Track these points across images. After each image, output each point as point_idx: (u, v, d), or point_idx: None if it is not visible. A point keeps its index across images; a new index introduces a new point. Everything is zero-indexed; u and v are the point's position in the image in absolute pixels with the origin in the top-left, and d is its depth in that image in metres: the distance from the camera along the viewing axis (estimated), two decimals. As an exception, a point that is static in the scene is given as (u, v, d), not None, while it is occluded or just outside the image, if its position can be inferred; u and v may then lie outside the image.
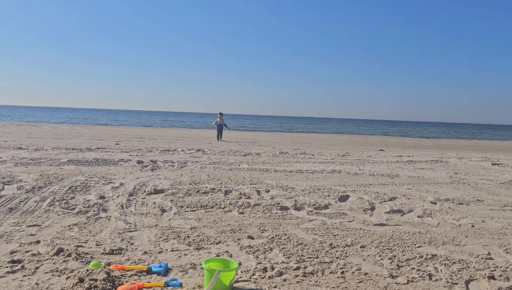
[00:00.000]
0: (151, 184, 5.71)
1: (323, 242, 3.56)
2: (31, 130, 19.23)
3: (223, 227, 3.92)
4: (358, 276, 2.87)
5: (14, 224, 3.72)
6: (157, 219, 4.11)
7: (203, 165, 8.00)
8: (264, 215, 4.42)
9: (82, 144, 11.55)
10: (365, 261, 3.17)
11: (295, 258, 3.15)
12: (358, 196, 5.49)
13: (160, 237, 3.52)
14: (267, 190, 5.63)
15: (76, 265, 2.85)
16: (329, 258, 3.20)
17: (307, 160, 9.67)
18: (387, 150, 14.86)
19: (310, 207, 4.80)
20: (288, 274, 2.85)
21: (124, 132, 21.14)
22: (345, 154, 11.49)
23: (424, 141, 26.05)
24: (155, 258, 3.05)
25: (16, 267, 2.75)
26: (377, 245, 3.54)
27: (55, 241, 3.32)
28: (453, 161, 10.62)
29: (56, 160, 7.76)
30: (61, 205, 4.43)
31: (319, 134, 32.11)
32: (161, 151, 10.27)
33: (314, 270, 2.94)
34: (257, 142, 16.66)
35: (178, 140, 16.14)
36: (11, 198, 4.63)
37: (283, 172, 7.50)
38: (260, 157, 9.93)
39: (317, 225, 4.12)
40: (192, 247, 3.32)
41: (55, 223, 3.81)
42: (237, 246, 3.40)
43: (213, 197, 5.10)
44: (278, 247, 3.40)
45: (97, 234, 3.54)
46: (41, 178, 5.78)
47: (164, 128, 32.97)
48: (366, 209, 4.84)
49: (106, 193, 5.09)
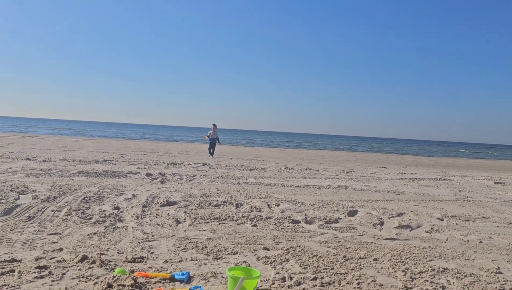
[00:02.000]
0: (163, 196, 5.81)
1: (337, 254, 3.66)
2: (34, 142, 19.34)
3: (238, 238, 4.01)
4: (374, 287, 2.96)
5: (35, 232, 3.81)
6: (173, 229, 4.20)
7: (211, 178, 8.10)
8: (276, 228, 4.51)
9: (88, 156, 11.66)
10: (379, 273, 3.26)
11: (311, 269, 3.24)
12: (367, 211, 5.59)
13: (178, 247, 3.61)
14: (277, 204, 5.73)
15: (101, 271, 2.93)
16: (344, 269, 3.29)
17: (313, 175, 9.78)
18: (389, 167, 14.98)
19: (321, 221, 4.89)
20: (306, 284, 2.94)
21: (127, 145, 21.27)
22: (350, 170, 11.61)
23: (424, 160, 26.19)
24: (176, 267, 3.14)
25: (43, 273, 2.83)
26: (390, 258, 3.64)
27: (77, 248, 3.41)
28: (456, 179, 10.74)
29: (65, 171, 7.87)
30: (77, 214, 4.53)
31: (320, 151, 32.29)
32: (168, 165, 10.38)
33: (331, 280, 3.03)
34: (259, 158, 16.78)
35: (181, 154, 16.26)
36: (28, 207, 4.72)
37: (290, 186, 7.61)
38: (266, 172, 10.04)
39: (329, 238, 4.22)
40: (210, 257, 3.41)
41: (75, 231, 3.91)
42: (254, 256, 3.49)
43: (225, 210, 5.19)
44: (294, 258, 3.49)
45: (117, 243, 3.63)
46: (54, 189, 5.88)
47: (166, 142, 33.11)
48: (375, 224, 4.94)
49: (120, 204, 5.19)
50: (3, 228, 3.84)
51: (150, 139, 37.70)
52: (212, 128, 16.37)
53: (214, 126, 16.44)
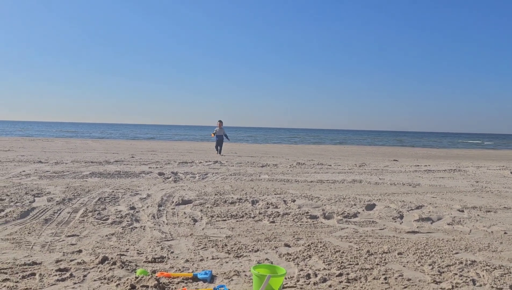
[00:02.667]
0: (178, 195, 5.76)
1: (360, 249, 3.57)
2: (44, 145, 19.43)
3: (258, 235, 3.95)
4: (401, 282, 2.87)
5: (53, 234, 3.78)
6: (191, 228, 4.15)
7: (224, 176, 8.04)
8: (295, 224, 4.44)
9: (99, 158, 11.67)
10: (405, 267, 3.18)
11: (335, 265, 3.16)
12: (385, 205, 5.49)
13: (198, 246, 3.55)
14: (293, 199, 5.65)
15: (122, 273, 2.88)
16: (369, 264, 3.20)
17: (325, 170, 9.69)
18: (401, 160, 14.81)
19: (339, 215, 4.81)
20: (332, 281, 2.86)
21: (136, 146, 21.28)
22: (362, 164, 11.48)
23: (435, 151, 25.90)
24: (198, 266, 3.08)
25: (64, 275, 2.79)
26: (414, 252, 3.54)
27: (96, 250, 3.36)
28: (471, 170, 10.57)
29: (78, 173, 7.86)
30: (94, 215, 4.49)
31: (329, 146, 32.11)
32: (179, 163, 10.35)
33: (357, 276, 2.95)
34: (269, 154, 16.69)
35: (190, 152, 16.22)
36: (44, 209, 4.69)
37: (304, 182, 7.52)
38: (278, 168, 9.97)
39: (350, 233, 4.13)
40: (231, 255, 3.34)
41: (92, 233, 3.86)
42: (276, 253, 3.42)
43: (241, 207, 5.13)
44: (316, 254, 3.41)
45: (136, 243, 3.58)
46: (68, 190, 5.86)
47: (173, 141, 33.13)
48: (395, 217, 4.84)
49: (135, 204, 5.15)
50: (21, 231, 3.81)
51: (156, 139, 37.75)
52: (218, 124, 15.82)
53: (220, 123, 15.87)
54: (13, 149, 14.53)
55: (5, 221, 4.14)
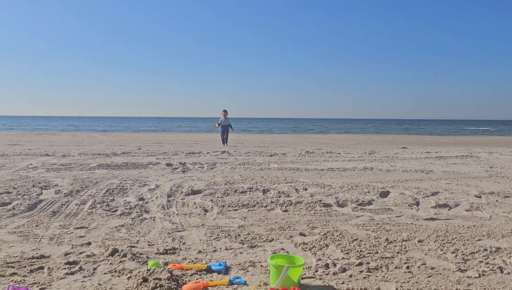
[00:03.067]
0: (187, 185, 5.65)
1: (378, 238, 3.44)
2: (51, 139, 19.41)
3: (271, 225, 3.82)
4: (425, 271, 2.74)
5: (61, 227, 3.68)
6: (202, 218, 4.04)
7: (233, 166, 7.92)
8: (309, 213, 4.31)
9: (106, 150, 11.59)
10: (427, 256, 3.04)
11: (354, 254, 3.03)
12: (399, 192, 5.34)
13: (210, 236, 3.44)
14: (305, 188, 5.52)
15: (133, 265, 2.77)
16: (389, 253, 3.07)
17: (335, 158, 9.53)
18: (410, 147, 14.60)
19: (353, 203, 4.67)
20: (352, 270, 2.74)
21: (141, 138, 21.21)
22: (372, 152, 11.31)
23: (443, 139, 25.60)
24: (211, 257, 2.96)
25: (74, 269, 2.69)
26: (435, 239, 3.41)
27: (106, 242, 3.26)
28: (483, 155, 10.37)
29: (85, 165, 7.77)
30: (102, 207, 4.39)
31: (335, 135, 31.87)
32: (187, 154, 10.24)
33: (378, 265, 2.82)
34: (275, 144, 16.55)
35: (197, 143, 16.12)
36: (51, 202, 4.60)
37: (315, 170, 7.38)
38: (287, 157, 9.83)
39: (366, 221, 4.00)
40: (245, 245, 3.22)
41: (101, 225, 3.76)
42: (291, 243, 3.30)
43: (253, 196, 5.00)
44: (333, 243, 3.29)
45: (146, 235, 3.48)
46: (75, 182, 5.77)
47: (179, 133, 33.05)
48: (411, 204, 4.70)
49: (144, 195, 5.04)
50: (28, 224, 3.72)
51: (161, 131, 37.63)
52: (223, 114, 15.20)
53: (225, 112, 15.22)
54: (20, 143, 14.51)
55: (13, 214, 4.05)
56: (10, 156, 9.25)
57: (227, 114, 15.18)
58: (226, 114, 15.13)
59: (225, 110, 15.27)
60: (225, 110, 15.24)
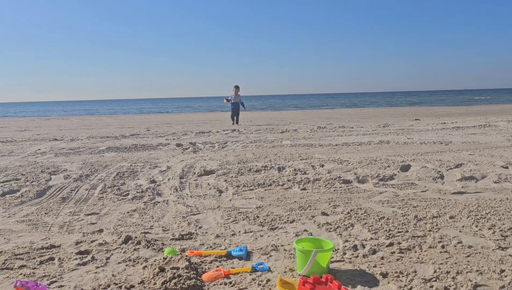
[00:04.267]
0: (199, 166, 5.46)
1: (405, 215, 3.23)
2: (59, 123, 19.33)
3: (290, 204, 3.63)
4: (462, 250, 2.53)
5: (71, 213, 3.52)
6: (217, 200, 3.85)
7: (244, 144, 7.71)
8: (328, 190, 4.10)
9: (114, 132, 11.44)
10: (462, 233, 2.83)
11: (383, 234, 2.83)
12: (421, 165, 5.10)
13: (227, 219, 3.25)
14: (321, 164, 5.30)
15: (149, 253, 2.60)
16: (420, 231, 2.86)
17: (348, 133, 9.27)
18: (423, 119, 14.24)
19: (374, 179, 4.45)
20: (383, 252, 2.54)
21: (149, 119, 21.04)
22: (385, 125, 11.02)
23: (454, 109, 25.05)
24: (230, 242, 2.78)
25: (86, 259, 2.52)
26: (468, 215, 3.19)
27: (118, 228, 3.10)
28: (502, 124, 10.03)
29: (94, 148, 7.62)
30: (113, 191, 4.23)
31: (344, 109, 31.38)
32: (196, 134, 10.04)
33: (410, 245, 2.62)
34: (285, 120, 16.27)
35: (205, 123, 15.90)
36: (60, 187, 4.45)
37: (329, 146, 7.15)
38: (299, 133, 9.59)
39: (390, 197, 3.78)
40: (266, 228, 3.04)
41: (113, 210, 3.60)
42: (314, 223, 3.11)
43: (268, 175, 4.81)
44: (359, 222, 3.09)
45: (160, 219, 3.30)
46: (85, 167, 5.61)
47: (186, 113, 32.80)
48: (435, 178, 4.46)
49: (156, 177, 4.87)
50: (37, 212, 3.56)
51: (167, 112, 37.33)
52: (234, 90, 13.91)
53: (236, 89, 13.93)
54: (29, 129, 14.42)
55: (21, 202, 3.90)
56: (19, 142, 9.14)
57: (238, 91, 13.94)
58: (237, 91, 13.89)
59: (237, 85, 13.95)
60: (236, 86, 13.93)
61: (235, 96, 13.79)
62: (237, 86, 13.93)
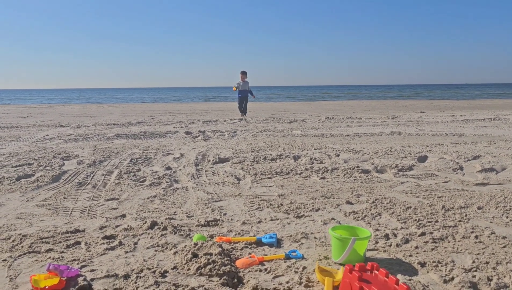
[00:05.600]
0: (212, 153, 5.40)
1: (432, 205, 3.18)
2: (61, 111, 19.21)
3: (312, 193, 3.58)
4: (497, 241, 2.48)
5: (90, 198, 3.47)
6: (237, 187, 3.80)
7: (254, 133, 7.65)
8: (348, 179, 4.05)
9: (119, 120, 11.35)
10: (493, 224, 2.78)
11: (412, 223, 2.78)
12: (438, 156, 5.05)
13: (251, 206, 3.20)
14: (337, 154, 5.24)
15: (176, 238, 2.55)
16: (451, 221, 2.82)
17: (357, 124, 9.21)
18: (428, 112, 14.17)
19: (393, 169, 4.40)
20: (416, 241, 2.49)
21: (152, 108, 20.93)
22: (394, 116, 10.95)
23: (458, 103, 24.97)
24: (258, 229, 2.73)
25: (113, 243, 2.47)
26: (496, 206, 3.14)
27: (141, 214, 3.04)
28: (512, 118, 9.98)
29: (103, 135, 7.55)
30: (129, 177, 4.17)
31: (346, 101, 31.25)
32: (204, 122, 9.97)
33: (443, 235, 2.57)
34: (288, 111, 16.19)
35: (208, 113, 15.79)
36: (75, 173, 4.39)
37: (340, 136, 7.09)
38: (307, 123, 9.52)
39: (413, 187, 3.73)
40: (291, 215, 2.98)
41: (132, 195, 3.54)
42: (340, 212, 3.06)
43: (284, 163, 4.75)
44: (386, 211, 3.04)
45: (183, 205, 3.25)
46: (96, 153, 5.55)
47: (188, 103, 32.63)
48: (455, 169, 4.41)
49: (170, 164, 4.81)
50: (55, 196, 3.50)
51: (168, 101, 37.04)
52: (241, 77, 12.28)
53: (243, 75, 12.29)
54: (32, 116, 14.32)
55: (37, 186, 3.84)
56: (25, 128, 9.06)
57: (246, 77, 12.35)
58: (245, 77, 12.31)
59: (244, 71, 12.34)
60: (243, 72, 12.31)
61: (243, 83, 12.37)
62: (244, 72, 12.41)
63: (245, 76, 12.37)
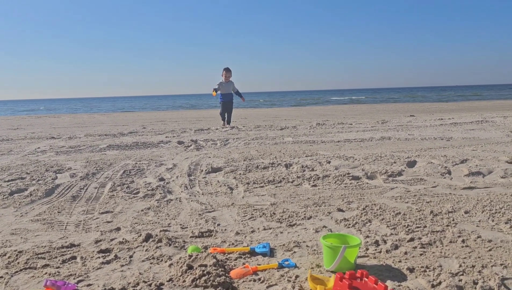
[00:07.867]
0: (205, 163, 5.45)
1: (421, 210, 3.26)
2: (51, 121, 19.11)
3: (304, 201, 3.64)
4: (483, 244, 2.56)
5: (85, 212, 3.50)
6: (230, 197, 3.85)
7: (246, 141, 7.71)
8: (339, 186, 4.13)
9: (111, 130, 11.35)
10: (480, 227, 2.87)
11: (402, 229, 2.85)
12: (427, 161, 5.15)
13: (244, 216, 3.25)
14: (328, 161, 5.32)
15: (171, 250, 2.60)
16: (439, 226, 2.90)
17: (348, 129, 9.31)
18: (418, 115, 14.36)
19: (383, 175, 4.49)
20: (405, 247, 2.56)
21: (143, 117, 20.91)
22: (383, 121, 11.09)
23: (447, 105, 25.29)
24: (251, 239, 2.79)
25: (108, 257, 2.51)
26: (482, 210, 3.23)
27: (136, 226, 3.08)
28: (499, 120, 10.15)
29: (95, 146, 7.55)
30: (123, 189, 4.20)
31: (337, 106, 31.49)
32: (195, 131, 10.01)
33: (431, 240, 2.64)
34: (280, 117, 16.29)
35: (200, 120, 15.83)
36: (69, 186, 4.41)
37: (331, 142, 7.18)
38: (298, 130, 9.60)
39: (402, 193, 3.82)
40: (284, 224, 3.04)
41: (126, 208, 3.58)
42: (331, 220, 3.12)
43: (276, 172, 4.81)
44: (376, 218, 3.11)
45: (177, 217, 3.29)
46: (89, 165, 5.56)
47: (179, 110, 32.60)
48: (443, 173, 4.51)
49: (163, 175, 4.85)
50: (50, 211, 3.53)
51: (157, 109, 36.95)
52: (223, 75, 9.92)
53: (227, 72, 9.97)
54: (22, 127, 14.23)
55: (31, 201, 3.86)
56: (15, 140, 9.02)
57: (230, 76, 10.02)
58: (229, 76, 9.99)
59: (228, 68, 10.01)
60: (227, 69, 10.01)
61: (225, 84, 10.08)
62: (227, 69, 10.09)
63: (229, 75, 10.14)
